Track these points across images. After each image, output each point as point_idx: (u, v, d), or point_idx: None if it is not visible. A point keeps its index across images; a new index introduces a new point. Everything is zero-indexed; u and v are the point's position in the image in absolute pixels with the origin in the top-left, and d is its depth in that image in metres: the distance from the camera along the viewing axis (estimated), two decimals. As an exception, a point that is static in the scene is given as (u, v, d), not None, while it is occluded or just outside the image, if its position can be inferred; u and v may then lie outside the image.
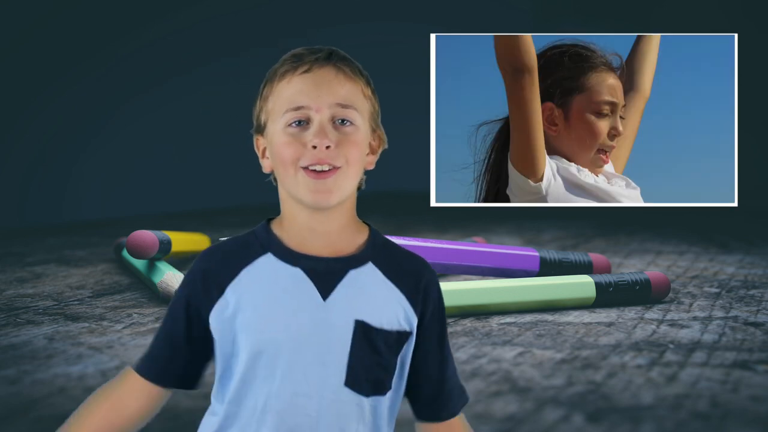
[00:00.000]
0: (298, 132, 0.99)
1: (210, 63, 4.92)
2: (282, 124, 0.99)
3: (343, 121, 1.00)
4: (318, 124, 0.98)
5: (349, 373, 0.98)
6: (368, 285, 1.00)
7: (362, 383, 0.99)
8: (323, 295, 0.98)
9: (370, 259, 1.01)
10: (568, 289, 2.32)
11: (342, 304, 0.99)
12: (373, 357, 0.99)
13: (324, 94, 0.99)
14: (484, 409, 1.53)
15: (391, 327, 1.00)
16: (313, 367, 0.97)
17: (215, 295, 0.99)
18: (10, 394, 1.64)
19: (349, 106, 1.00)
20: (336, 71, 1.01)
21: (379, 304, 1.00)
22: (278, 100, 1.00)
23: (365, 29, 4.98)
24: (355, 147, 1.00)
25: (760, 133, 4.93)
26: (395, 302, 1.01)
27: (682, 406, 1.56)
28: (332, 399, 0.98)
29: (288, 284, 0.99)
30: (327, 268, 0.99)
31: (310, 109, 0.99)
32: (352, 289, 1.00)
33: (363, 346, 0.98)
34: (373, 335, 0.99)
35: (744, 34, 2.19)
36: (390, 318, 1.00)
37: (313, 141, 0.97)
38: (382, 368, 1.00)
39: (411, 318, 1.01)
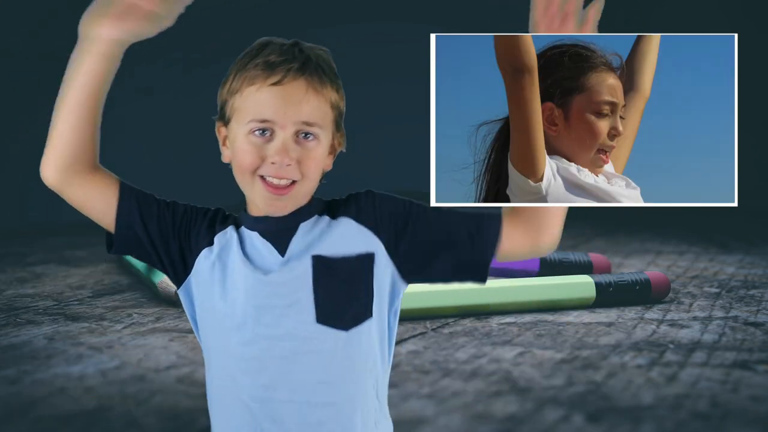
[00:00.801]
0: (261, 143, 1.00)
1: (210, 63, 4.91)
2: (245, 130, 1.01)
3: (306, 135, 1.01)
4: (281, 142, 1.00)
5: (319, 310, 1.00)
6: (318, 228, 1.03)
7: (337, 317, 1.01)
8: (281, 252, 1.02)
9: (317, 212, 1.04)
10: (568, 289, 2.32)
11: (298, 250, 1.01)
12: (342, 288, 1.01)
13: (291, 112, 1.00)
14: (484, 409, 1.53)
15: (350, 252, 1.02)
16: (282, 309, 1.00)
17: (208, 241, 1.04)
18: (10, 394, 1.64)
19: (313, 124, 1.01)
20: (306, 86, 1.01)
21: (332, 238, 1.02)
22: (245, 103, 1.01)
23: (365, 29, 4.98)
24: (314, 162, 1.01)
25: (760, 133, 4.92)
26: (347, 230, 1.03)
27: (682, 406, 1.56)
28: (306, 338, 1.00)
29: (249, 249, 1.02)
30: (279, 227, 1.03)
31: (275, 124, 1.00)
32: (306, 236, 1.02)
33: (326, 280, 1.01)
34: (333, 265, 1.01)
35: (744, 34, 2.19)
36: (346, 246, 1.02)
37: (274, 158, 0.99)
38: (354, 297, 1.02)
39: (369, 239, 1.03)
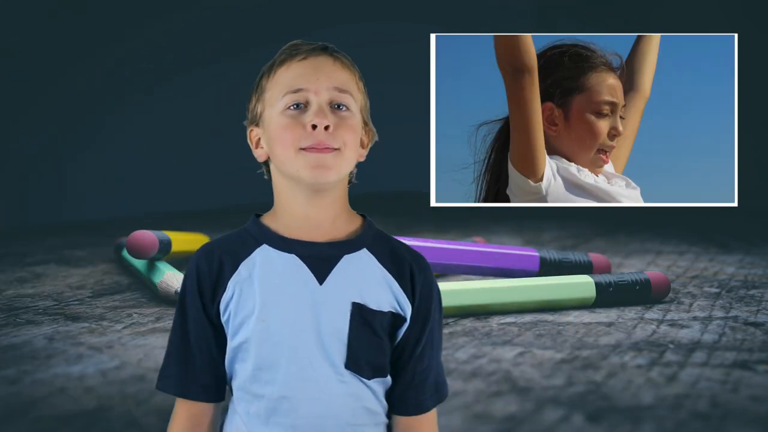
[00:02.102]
0: (297, 114, 1.00)
1: (210, 63, 4.92)
2: (281, 108, 1.01)
3: (340, 106, 1.01)
4: (317, 106, 1.00)
5: (350, 354, 0.99)
6: (363, 269, 1.02)
7: (363, 365, 1.00)
8: (319, 279, 1.00)
9: (365, 246, 1.03)
10: (568, 289, 2.32)
11: (338, 287, 1.00)
12: (373, 339, 1.00)
13: (323, 78, 1.01)
14: (484, 409, 1.53)
15: (387, 309, 1.01)
16: (315, 350, 0.98)
17: (221, 291, 1.01)
18: (10, 394, 1.64)
19: (346, 91, 1.02)
20: (333, 59, 1.03)
21: (374, 288, 1.01)
22: (276, 86, 1.02)
23: (365, 29, 4.98)
24: (351, 131, 1.01)
25: (760, 133, 4.92)
26: (389, 287, 1.02)
27: (682, 406, 1.56)
28: (336, 381, 0.99)
29: (284, 270, 1.00)
30: (321, 254, 1.01)
31: (309, 92, 1.00)
32: (348, 273, 1.01)
33: (361, 327, 0.99)
34: (370, 317, 1.00)
35: (744, 34, 2.19)
36: (385, 301, 1.01)
37: (314, 120, 0.99)
38: (381, 351, 1.01)
39: (404, 304, 1.02)
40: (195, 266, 1.03)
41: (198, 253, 1.03)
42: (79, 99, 4.59)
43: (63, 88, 4.48)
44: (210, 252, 1.03)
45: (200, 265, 1.02)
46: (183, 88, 4.88)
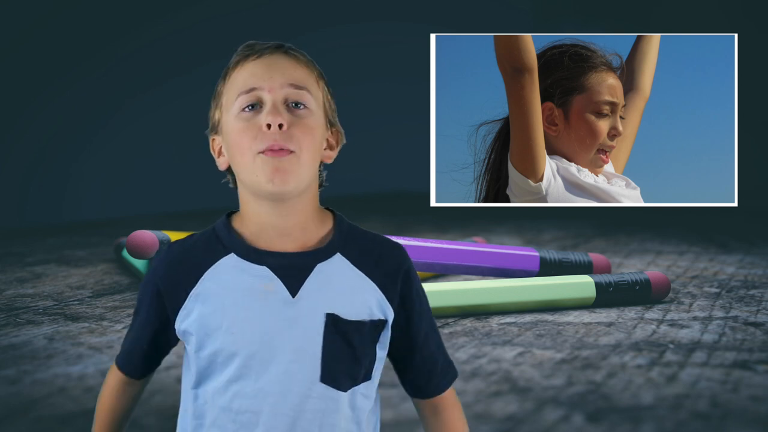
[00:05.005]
0: (252, 116, 0.95)
1: (210, 63, 4.91)
2: (235, 111, 0.97)
3: (297, 105, 0.96)
4: (271, 104, 0.95)
5: (324, 368, 0.96)
6: (337, 277, 0.97)
7: (338, 378, 0.96)
8: (292, 292, 0.96)
9: (338, 250, 0.98)
10: (568, 289, 2.32)
11: (312, 299, 0.96)
12: (348, 350, 0.96)
13: (276, 75, 0.96)
14: (484, 409, 1.53)
15: (364, 317, 0.97)
16: (287, 365, 0.95)
17: (179, 301, 0.98)
18: (10, 394, 1.64)
19: (302, 88, 0.97)
20: (288, 57, 0.98)
21: (350, 296, 0.97)
22: (231, 89, 0.98)
23: (365, 29, 4.98)
24: (309, 131, 0.96)
25: (760, 133, 4.93)
26: (366, 292, 0.98)
27: (682, 406, 1.56)
28: (308, 396, 0.95)
29: (255, 284, 0.96)
30: (294, 264, 0.96)
31: (263, 90, 0.96)
32: (321, 282, 0.96)
33: (336, 339, 0.96)
34: (345, 327, 0.96)
35: (744, 34, 2.19)
36: (362, 308, 0.97)
37: (267, 119, 0.94)
38: (358, 362, 0.97)
39: (384, 306, 0.98)
40: (154, 272, 0.99)
41: (161, 257, 1.00)
42: (79, 99, 4.59)
43: (63, 88, 4.48)
44: (172, 258, 0.99)
45: (159, 270, 0.99)
46: (183, 88, 4.88)
